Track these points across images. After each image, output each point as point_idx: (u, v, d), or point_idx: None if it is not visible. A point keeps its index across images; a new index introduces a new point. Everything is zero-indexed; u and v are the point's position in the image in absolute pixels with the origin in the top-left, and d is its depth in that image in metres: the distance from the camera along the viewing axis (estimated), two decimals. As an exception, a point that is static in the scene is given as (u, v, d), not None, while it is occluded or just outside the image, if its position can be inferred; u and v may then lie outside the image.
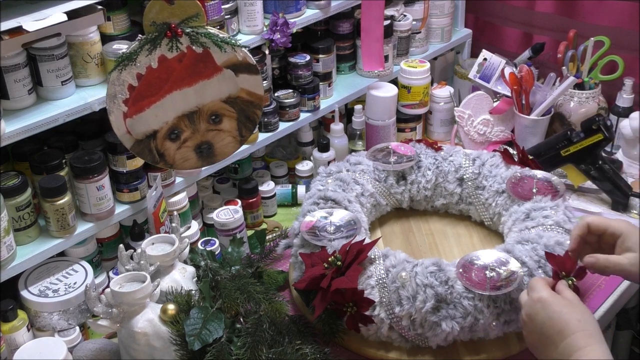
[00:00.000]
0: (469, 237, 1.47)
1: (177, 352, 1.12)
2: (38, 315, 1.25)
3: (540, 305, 1.02)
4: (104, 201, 1.30)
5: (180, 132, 1.29)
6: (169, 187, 1.44)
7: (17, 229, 1.23)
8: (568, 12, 1.85)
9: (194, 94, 1.27)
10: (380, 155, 1.50)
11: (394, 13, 1.80)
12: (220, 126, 1.31)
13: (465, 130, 1.78)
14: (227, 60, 1.26)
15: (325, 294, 1.17)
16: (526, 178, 1.41)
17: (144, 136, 1.27)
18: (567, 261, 1.15)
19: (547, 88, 1.71)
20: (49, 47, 1.19)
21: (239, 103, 1.31)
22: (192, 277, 1.26)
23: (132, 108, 1.23)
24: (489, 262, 1.18)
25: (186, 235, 1.35)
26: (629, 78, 1.74)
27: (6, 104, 1.19)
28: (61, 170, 1.28)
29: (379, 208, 1.49)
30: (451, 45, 2.00)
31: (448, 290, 1.15)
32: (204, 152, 1.32)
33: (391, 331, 1.18)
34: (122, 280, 1.14)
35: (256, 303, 1.19)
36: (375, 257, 1.21)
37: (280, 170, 1.73)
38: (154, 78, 1.23)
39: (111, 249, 1.40)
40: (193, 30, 1.22)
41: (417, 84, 1.78)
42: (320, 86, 1.69)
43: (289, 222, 1.52)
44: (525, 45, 1.93)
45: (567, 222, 1.28)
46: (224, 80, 1.28)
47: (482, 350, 1.20)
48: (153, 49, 1.21)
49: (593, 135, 1.53)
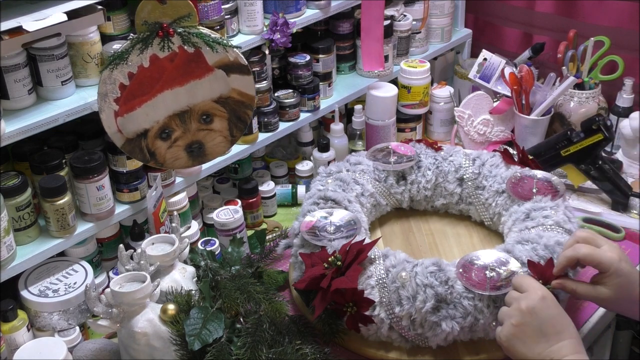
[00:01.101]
0: (469, 237, 1.47)
1: (177, 352, 1.12)
2: (38, 315, 1.25)
3: (546, 303, 1.03)
4: (104, 201, 1.30)
5: (171, 131, 1.29)
6: (169, 187, 1.44)
7: (17, 229, 1.23)
8: (568, 12, 1.85)
9: (186, 94, 1.27)
10: (380, 155, 1.50)
11: (394, 13, 1.80)
12: (211, 126, 1.31)
13: (465, 130, 1.78)
14: (219, 60, 1.26)
15: (325, 294, 1.17)
16: (526, 178, 1.41)
17: (134, 135, 1.26)
18: (547, 269, 1.15)
19: (547, 88, 1.71)
20: (49, 47, 1.19)
21: (230, 103, 1.31)
22: (192, 277, 1.26)
23: (123, 107, 1.23)
24: (489, 262, 1.18)
25: (186, 235, 1.35)
26: (629, 78, 1.74)
27: (6, 104, 1.19)
28: (61, 170, 1.28)
29: (379, 208, 1.49)
30: (451, 45, 2.00)
31: (448, 290, 1.15)
32: (194, 152, 1.32)
33: (391, 331, 1.18)
34: (122, 280, 1.14)
35: (256, 303, 1.19)
36: (375, 257, 1.21)
37: (280, 170, 1.73)
38: (145, 77, 1.23)
39: (111, 249, 1.40)
40: (185, 30, 1.22)
41: (417, 84, 1.78)
42: (320, 86, 1.69)
43: (289, 222, 1.52)
44: (525, 45, 1.93)
45: (567, 222, 1.28)
46: (215, 80, 1.28)
47: (482, 350, 1.20)
48: (145, 48, 1.21)
49: (593, 135, 1.53)
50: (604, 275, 1.08)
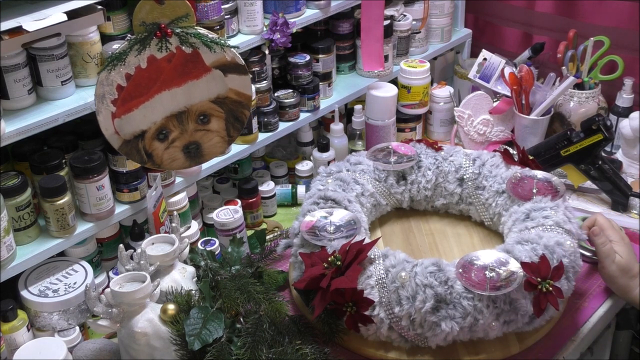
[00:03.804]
0: (469, 237, 1.47)
1: (177, 352, 1.12)
2: (38, 315, 1.25)
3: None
4: (104, 201, 1.31)
5: (168, 132, 1.29)
6: (169, 187, 1.44)
7: (17, 229, 1.23)
8: (568, 12, 1.85)
9: (183, 94, 1.27)
10: (380, 155, 1.50)
11: (394, 13, 1.80)
12: (209, 126, 1.31)
13: (465, 130, 1.78)
14: (216, 60, 1.26)
15: (325, 294, 1.17)
16: (526, 178, 1.41)
17: (132, 136, 1.26)
18: (541, 267, 1.15)
19: (547, 88, 1.72)
20: (48, 47, 1.19)
21: (228, 103, 1.31)
22: (192, 277, 1.26)
23: (121, 108, 1.23)
24: (489, 263, 1.18)
25: (186, 235, 1.35)
26: (628, 78, 1.74)
27: (6, 104, 1.19)
28: (61, 170, 1.28)
29: (379, 208, 1.49)
30: (451, 45, 2.00)
31: (448, 291, 1.15)
32: (191, 152, 1.32)
33: (391, 331, 1.18)
34: (122, 280, 1.14)
35: (256, 303, 1.19)
36: (375, 257, 1.21)
37: (280, 170, 1.73)
38: (143, 78, 1.23)
39: (111, 249, 1.40)
40: (183, 31, 1.22)
41: (417, 84, 1.78)
42: (320, 86, 1.69)
43: (289, 222, 1.52)
44: (525, 45, 1.93)
45: (567, 222, 1.28)
46: (212, 80, 1.28)
47: (482, 351, 1.20)
48: (142, 49, 1.21)
49: (593, 135, 1.53)
50: None
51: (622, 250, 1.28)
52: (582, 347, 1.30)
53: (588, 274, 1.40)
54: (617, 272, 1.28)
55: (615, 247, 1.29)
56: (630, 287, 1.27)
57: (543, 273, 1.16)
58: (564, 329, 1.28)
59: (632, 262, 1.28)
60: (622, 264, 1.27)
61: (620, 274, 1.28)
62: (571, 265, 1.22)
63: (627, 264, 1.27)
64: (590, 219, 1.35)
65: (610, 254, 1.28)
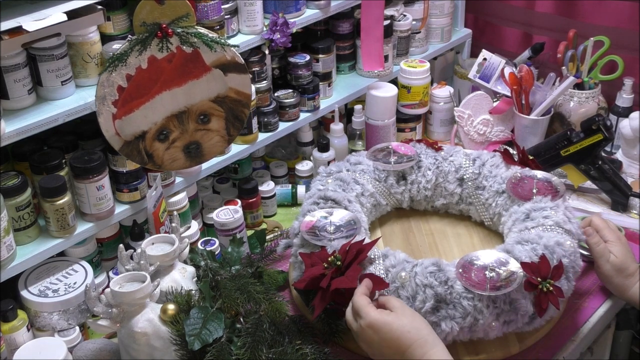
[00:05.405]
0: (469, 237, 1.47)
1: (177, 352, 1.12)
2: (38, 315, 1.25)
3: (371, 330, 1.07)
4: (104, 201, 1.30)
5: (169, 132, 1.29)
6: (169, 187, 1.44)
7: (17, 229, 1.23)
8: (568, 12, 1.85)
9: (183, 94, 1.27)
10: (380, 155, 1.50)
11: (394, 13, 1.80)
12: (209, 126, 1.31)
13: (465, 130, 1.78)
14: (216, 59, 1.26)
15: (325, 294, 1.17)
16: (526, 178, 1.41)
17: (132, 137, 1.26)
18: (541, 266, 1.15)
19: (547, 88, 1.72)
20: (48, 47, 1.19)
21: (228, 102, 1.31)
22: (192, 277, 1.26)
23: (121, 109, 1.23)
24: (489, 263, 1.18)
25: (186, 235, 1.35)
26: (628, 78, 1.74)
27: (6, 104, 1.19)
28: (61, 170, 1.28)
29: (379, 208, 1.49)
30: (451, 45, 2.00)
31: (447, 291, 1.15)
32: (192, 152, 1.32)
33: (391, 331, 1.18)
34: (122, 280, 1.14)
35: (256, 303, 1.19)
36: (375, 257, 1.21)
37: (280, 170, 1.73)
38: (143, 79, 1.22)
39: (111, 249, 1.40)
40: (183, 30, 1.22)
41: (417, 84, 1.78)
42: (320, 86, 1.69)
43: (289, 222, 1.52)
44: (525, 45, 1.93)
45: (567, 222, 1.28)
46: (212, 79, 1.28)
47: (482, 351, 1.20)
48: (143, 49, 1.20)
49: (593, 135, 1.53)
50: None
51: (617, 250, 1.28)
52: (582, 347, 1.30)
53: (588, 274, 1.40)
54: (612, 272, 1.28)
55: (611, 247, 1.29)
56: (627, 286, 1.28)
57: (543, 273, 1.16)
58: (563, 329, 1.28)
59: (627, 261, 1.28)
60: (617, 264, 1.28)
61: (616, 273, 1.28)
62: (571, 265, 1.22)
63: (622, 264, 1.28)
64: (585, 220, 1.35)
65: (604, 254, 1.28)
